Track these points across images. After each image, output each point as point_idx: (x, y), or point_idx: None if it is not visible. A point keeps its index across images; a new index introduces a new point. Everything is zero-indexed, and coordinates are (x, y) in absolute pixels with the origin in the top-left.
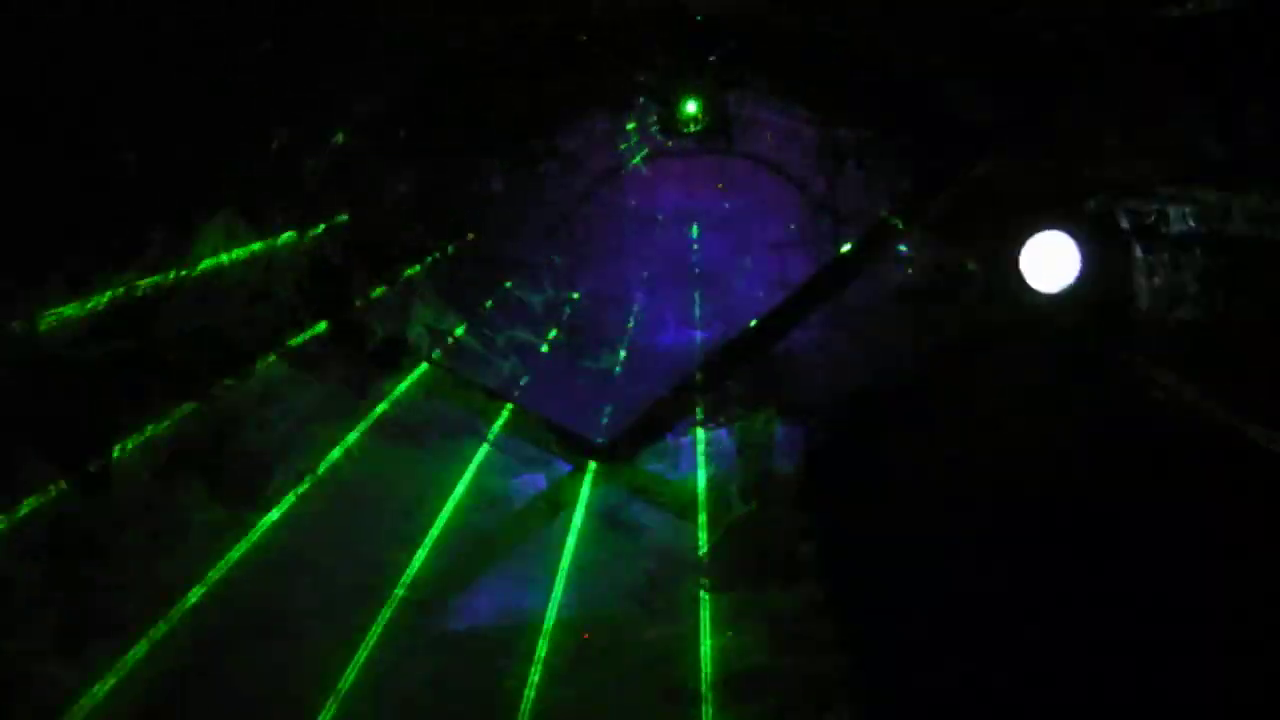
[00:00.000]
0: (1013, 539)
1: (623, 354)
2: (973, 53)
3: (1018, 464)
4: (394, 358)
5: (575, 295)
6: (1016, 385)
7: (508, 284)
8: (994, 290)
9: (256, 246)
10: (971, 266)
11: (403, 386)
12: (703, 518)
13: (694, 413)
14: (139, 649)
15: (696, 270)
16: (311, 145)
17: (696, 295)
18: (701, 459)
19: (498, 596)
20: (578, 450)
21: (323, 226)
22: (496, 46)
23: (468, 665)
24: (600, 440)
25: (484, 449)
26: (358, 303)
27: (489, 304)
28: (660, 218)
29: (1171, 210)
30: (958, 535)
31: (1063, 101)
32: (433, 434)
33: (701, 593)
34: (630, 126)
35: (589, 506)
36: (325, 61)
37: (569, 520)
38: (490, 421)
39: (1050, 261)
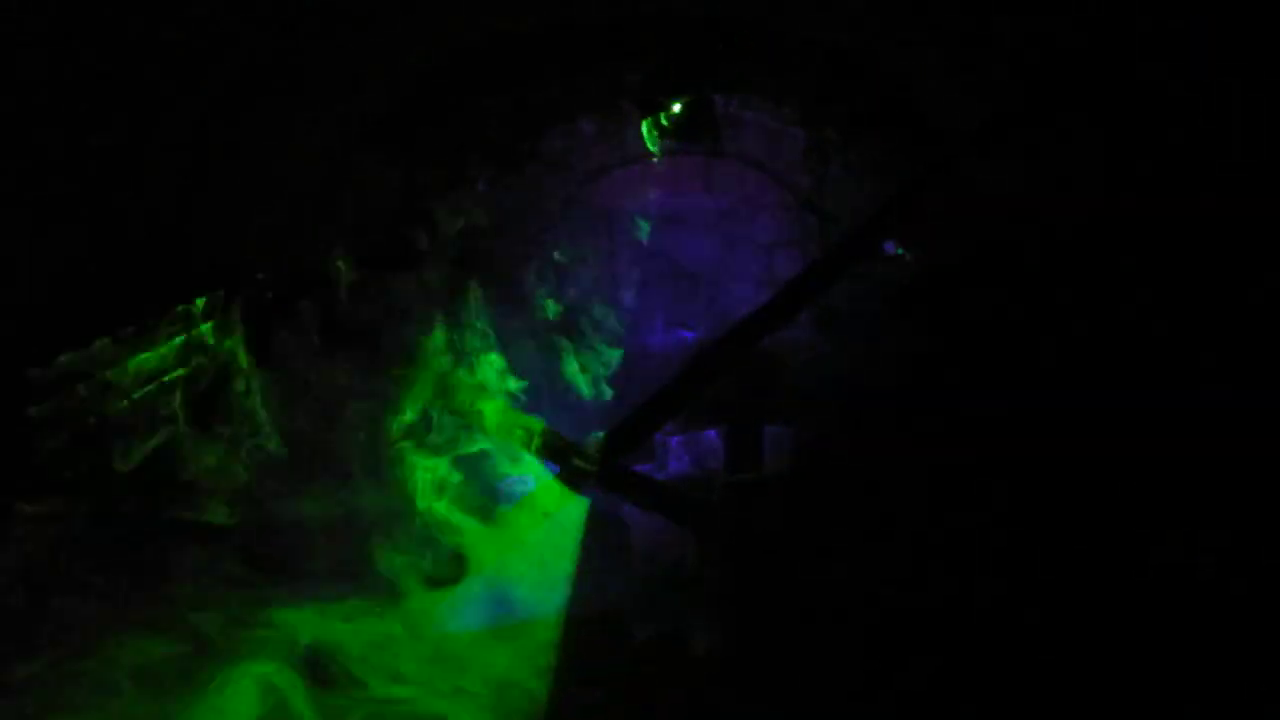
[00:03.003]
0: (1003, 543)
1: (610, 354)
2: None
3: (1004, 468)
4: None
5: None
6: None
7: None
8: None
9: None
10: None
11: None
12: (691, 518)
13: (682, 413)
14: None
15: (684, 270)
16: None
17: (685, 295)
18: (690, 459)
19: (486, 598)
20: (565, 451)
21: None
22: (482, 50)
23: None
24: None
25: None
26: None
27: (477, 306)
28: (647, 218)
29: None
30: (947, 538)
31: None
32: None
33: (691, 594)
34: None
35: (578, 507)
36: (309, 67)
37: (557, 521)
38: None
39: None
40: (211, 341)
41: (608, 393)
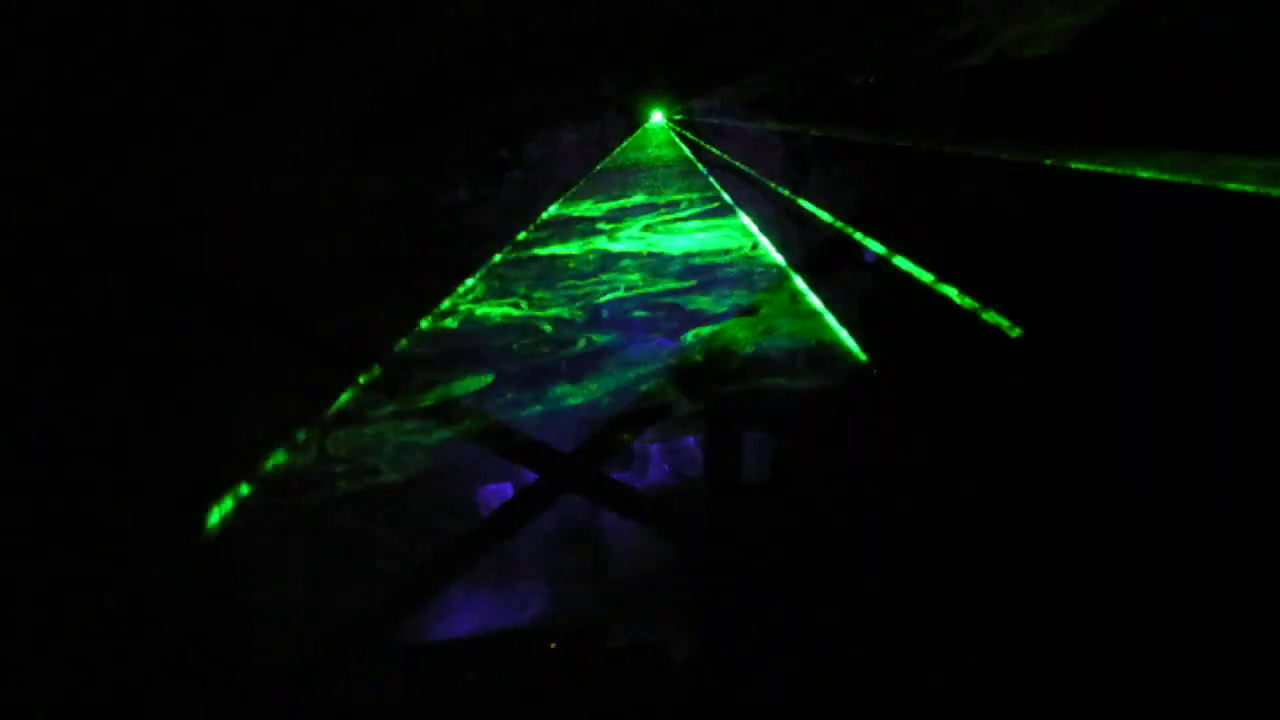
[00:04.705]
0: (981, 544)
1: (590, 361)
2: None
3: (984, 469)
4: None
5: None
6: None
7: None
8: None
9: None
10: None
11: None
12: (671, 525)
13: (661, 420)
14: None
15: (665, 277)
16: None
17: (665, 303)
18: (669, 467)
19: (465, 609)
20: (545, 459)
21: None
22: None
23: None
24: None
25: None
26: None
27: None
28: (628, 225)
29: None
30: (927, 540)
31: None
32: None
33: (672, 601)
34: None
35: (556, 515)
36: (295, 72)
37: (537, 530)
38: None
39: None
40: None
41: (590, 397)
